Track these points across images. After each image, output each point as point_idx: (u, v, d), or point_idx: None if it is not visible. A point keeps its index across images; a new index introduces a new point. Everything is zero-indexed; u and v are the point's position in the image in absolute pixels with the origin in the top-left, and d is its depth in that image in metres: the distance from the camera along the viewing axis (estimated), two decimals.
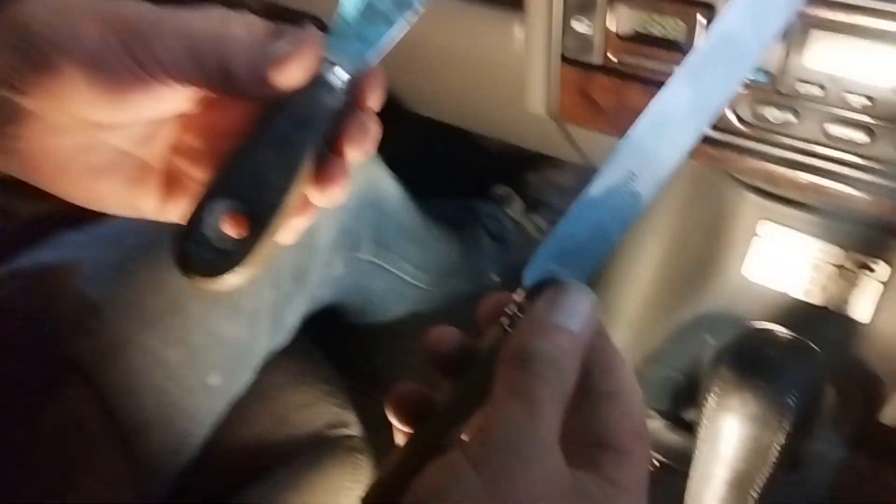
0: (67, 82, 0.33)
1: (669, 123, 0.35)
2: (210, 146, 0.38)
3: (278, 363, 0.73)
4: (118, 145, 0.36)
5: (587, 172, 1.14)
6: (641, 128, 0.36)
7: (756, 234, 0.77)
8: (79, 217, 0.86)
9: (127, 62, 0.33)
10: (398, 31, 0.36)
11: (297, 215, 0.36)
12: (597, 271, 0.35)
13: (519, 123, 0.88)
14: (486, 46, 0.78)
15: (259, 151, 0.34)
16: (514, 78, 0.76)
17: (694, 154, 0.67)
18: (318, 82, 0.34)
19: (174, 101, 0.36)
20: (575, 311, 0.31)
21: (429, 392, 0.34)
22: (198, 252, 0.33)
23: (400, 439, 0.35)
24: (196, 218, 0.34)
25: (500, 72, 0.79)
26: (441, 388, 0.34)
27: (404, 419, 0.34)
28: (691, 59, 0.36)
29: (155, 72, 0.34)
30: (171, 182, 0.38)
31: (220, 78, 0.34)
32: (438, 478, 0.28)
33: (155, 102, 0.35)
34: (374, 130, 0.37)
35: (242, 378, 0.69)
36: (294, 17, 0.94)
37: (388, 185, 0.89)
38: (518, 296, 0.33)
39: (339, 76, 0.35)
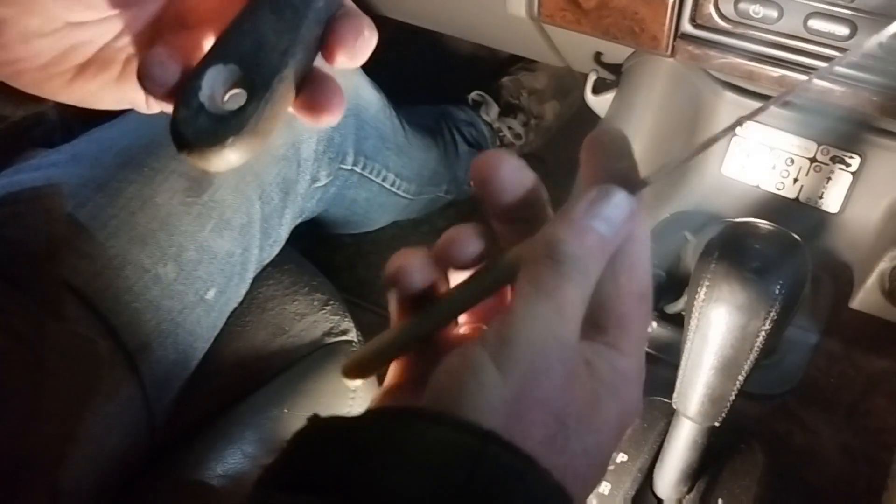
0: None
1: None
2: (195, 31, 0.36)
3: (271, 275, 0.73)
4: (100, 41, 0.35)
5: (562, 76, 1.14)
6: None
7: (734, 134, 0.78)
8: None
9: None
10: None
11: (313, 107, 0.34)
12: None
13: (499, 26, 0.88)
14: None
15: (257, 16, 0.32)
16: None
17: (674, 52, 0.67)
18: None
19: None
20: (614, 218, 0.30)
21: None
22: (194, 122, 0.31)
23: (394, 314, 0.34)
24: (192, 86, 0.31)
25: None
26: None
27: (406, 295, 0.33)
28: None
29: None
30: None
31: None
32: (458, 373, 0.27)
33: None
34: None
35: (237, 291, 0.69)
36: None
37: (367, 94, 0.89)
38: None
39: None
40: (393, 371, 0.34)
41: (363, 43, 0.34)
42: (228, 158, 0.31)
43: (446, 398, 0.27)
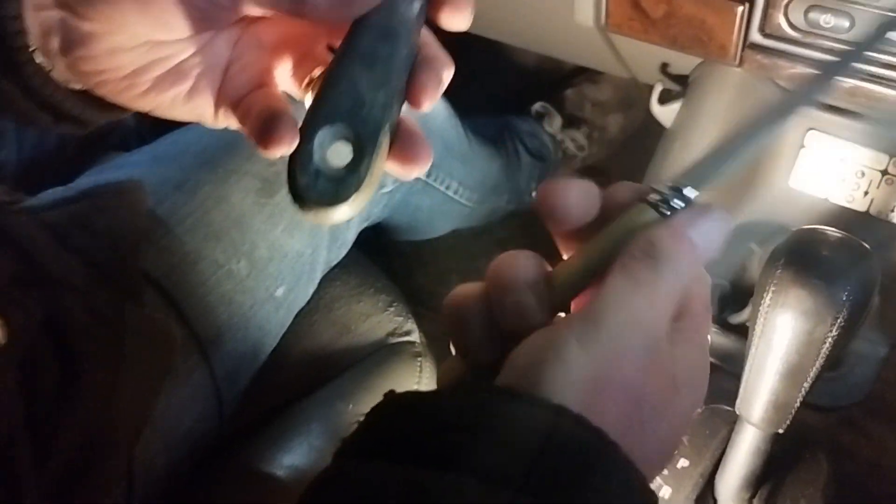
0: (118, 5, 0.34)
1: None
2: (268, 58, 0.39)
3: (338, 277, 0.75)
4: (176, 58, 0.37)
5: (625, 88, 1.14)
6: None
7: (803, 145, 0.77)
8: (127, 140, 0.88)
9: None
10: None
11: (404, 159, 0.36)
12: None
13: (565, 35, 0.88)
14: None
15: (352, 72, 0.34)
16: None
17: (742, 62, 0.67)
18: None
19: (230, 15, 0.36)
20: (711, 234, 0.32)
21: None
22: (313, 185, 0.33)
23: None
24: (306, 151, 0.33)
25: None
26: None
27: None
28: None
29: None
30: (227, 93, 0.39)
31: (290, 2, 0.34)
32: (541, 349, 0.28)
33: (209, 20, 0.36)
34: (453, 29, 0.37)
35: (306, 290, 0.72)
36: None
37: (434, 105, 0.90)
38: (664, 189, 0.34)
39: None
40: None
41: (442, 86, 0.36)
42: (347, 213, 0.33)
43: (528, 374, 0.28)
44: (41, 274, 0.51)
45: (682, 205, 0.33)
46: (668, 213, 0.33)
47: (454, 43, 0.38)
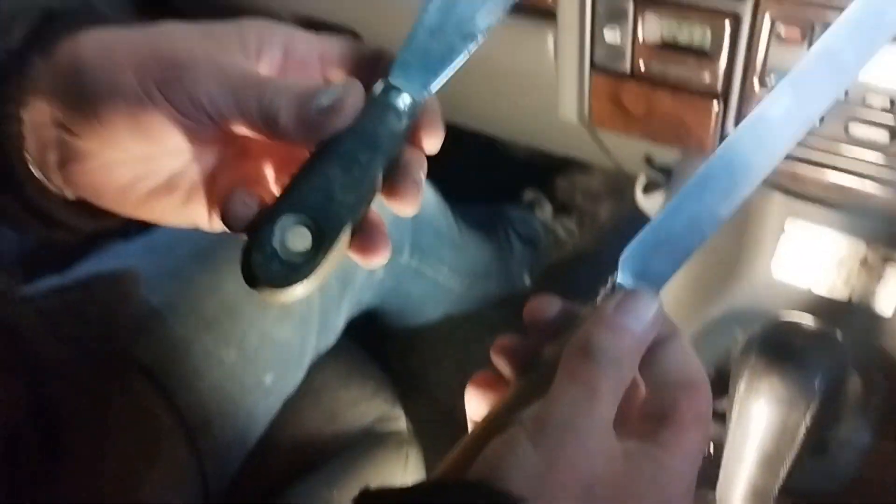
0: (111, 126, 0.36)
1: (767, 130, 0.37)
2: (254, 164, 0.40)
3: (326, 363, 0.76)
4: (169, 170, 0.38)
5: (615, 177, 1.17)
6: (741, 131, 0.38)
7: (783, 232, 0.79)
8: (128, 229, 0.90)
9: (164, 106, 0.35)
10: (460, 60, 0.38)
11: (364, 250, 0.38)
12: (685, 263, 0.37)
13: (551, 130, 0.92)
14: (519, 55, 0.81)
15: (327, 170, 0.35)
16: (546, 86, 0.79)
17: None
18: (382, 106, 0.36)
19: (216, 132, 0.37)
20: (641, 315, 0.33)
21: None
22: (266, 265, 0.34)
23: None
24: (266, 232, 0.34)
25: (533, 80, 0.82)
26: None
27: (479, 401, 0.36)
28: (795, 71, 0.38)
29: (192, 112, 0.35)
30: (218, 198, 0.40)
31: (263, 123, 0.35)
32: (498, 450, 0.30)
33: (195, 136, 0.37)
34: (426, 154, 0.38)
35: (294, 377, 0.72)
36: (328, 29, 0.98)
37: (424, 192, 0.93)
38: (607, 286, 0.36)
39: (403, 101, 0.36)
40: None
41: (418, 190, 0.38)
42: (294, 296, 0.34)
43: (488, 470, 0.30)
44: (30, 359, 0.52)
45: (609, 291, 0.35)
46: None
47: (447, 132, 0.40)
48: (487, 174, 1.40)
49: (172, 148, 0.37)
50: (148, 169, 0.38)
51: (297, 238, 0.34)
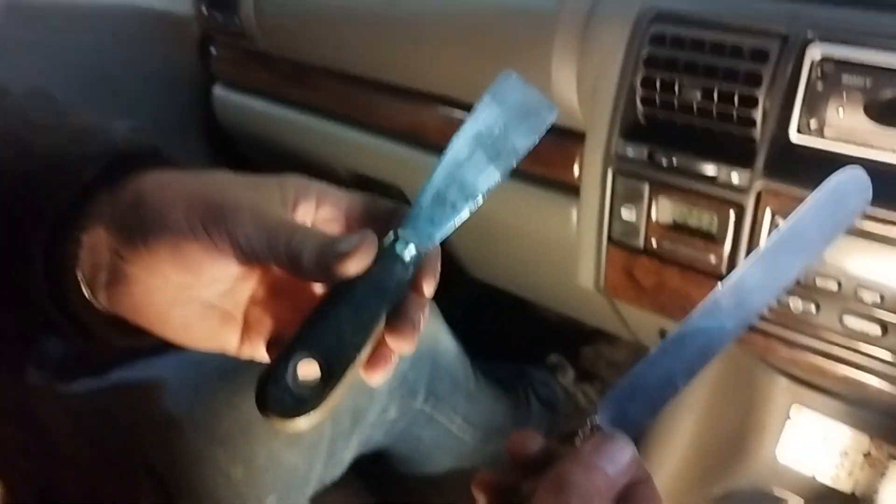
0: (156, 254, 0.40)
1: (740, 297, 0.42)
2: (281, 299, 0.45)
3: (329, 496, 0.78)
4: (205, 299, 0.43)
5: (640, 350, 1.19)
6: (717, 297, 0.42)
7: (789, 418, 0.81)
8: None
9: (205, 240, 0.40)
10: (462, 217, 0.42)
11: (370, 368, 0.41)
12: (659, 413, 0.41)
13: (571, 297, 0.96)
14: (544, 225, 0.88)
15: (337, 312, 0.40)
16: (567, 255, 0.84)
17: None
18: (391, 256, 0.40)
19: (249, 268, 0.42)
20: (616, 457, 0.36)
21: None
22: (278, 396, 0.37)
23: None
24: (279, 367, 0.38)
25: (556, 249, 0.88)
26: None
27: None
28: (765, 247, 0.43)
29: (229, 250, 0.40)
30: (249, 327, 0.45)
31: (289, 262, 0.40)
32: None
33: (231, 270, 0.42)
34: (426, 301, 0.42)
35: (296, 503, 0.74)
36: (380, 188, 1.07)
37: (446, 341, 0.97)
38: (586, 427, 0.39)
39: (410, 251, 0.41)
40: None
41: (416, 331, 0.41)
42: (301, 426, 0.38)
43: None
44: (50, 450, 0.56)
45: (588, 433, 0.38)
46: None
47: (478, 290, 0.44)
48: (513, 333, 1.44)
49: (208, 279, 0.42)
50: (185, 296, 0.42)
51: (308, 373, 0.38)
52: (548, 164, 0.84)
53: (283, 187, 0.42)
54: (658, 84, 0.70)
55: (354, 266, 0.39)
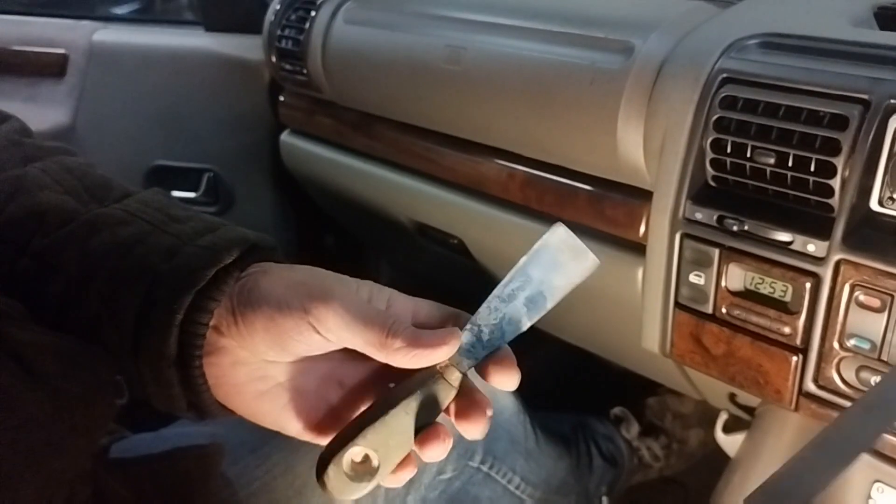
0: (252, 329, 0.44)
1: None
2: (342, 388, 0.48)
3: None
4: (279, 379, 0.46)
5: (709, 403, 1.14)
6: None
7: (870, 498, 0.76)
8: None
9: (300, 317, 0.43)
10: (505, 344, 0.45)
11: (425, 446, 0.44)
12: None
13: (636, 356, 0.93)
14: (608, 283, 0.85)
15: (388, 417, 0.43)
16: (632, 315, 0.82)
17: (798, 407, 0.69)
18: (441, 373, 0.44)
19: (331, 349, 0.45)
20: None
21: None
22: (335, 476, 0.43)
23: None
24: (338, 453, 0.42)
25: (620, 308, 0.86)
26: None
27: None
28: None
29: (322, 328, 0.43)
30: (313, 413, 0.47)
31: (378, 346, 0.43)
32: None
33: (314, 350, 0.45)
34: (483, 413, 0.45)
35: None
36: (441, 238, 1.06)
37: (504, 398, 0.95)
38: None
39: (460, 369, 0.44)
40: None
41: (486, 421, 0.44)
42: (355, 496, 0.43)
43: None
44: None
45: None
46: None
47: (539, 338, 0.46)
48: (575, 383, 1.41)
49: (291, 359, 0.45)
50: (264, 373, 0.45)
51: (362, 460, 0.43)
52: (613, 222, 0.82)
53: (362, 286, 0.46)
54: (729, 147, 0.67)
55: (440, 354, 0.42)
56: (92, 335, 0.48)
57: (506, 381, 0.44)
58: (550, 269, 0.44)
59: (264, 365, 0.45)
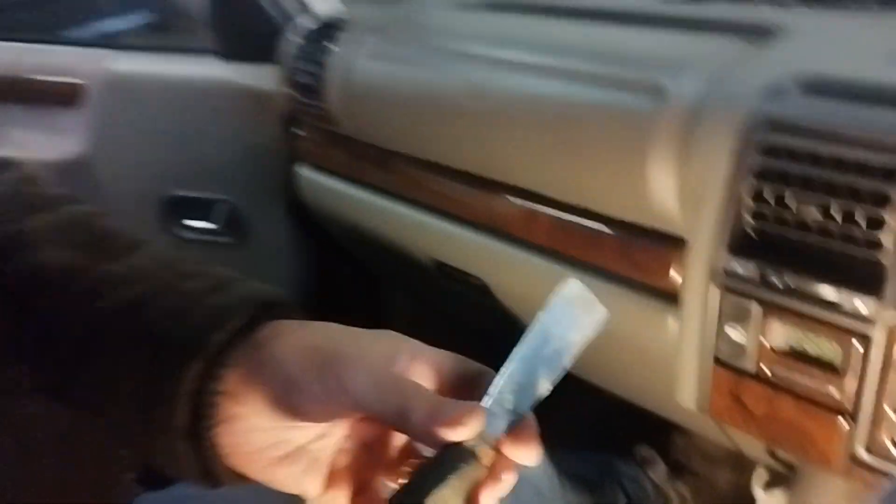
0: (268, 398, 0.41)
1: None
2: (367, 450, 0.45)
3: None
4: (298, 443, 0.43)
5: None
6: None
7: None
8: None
9: (317, 389, 0.41)
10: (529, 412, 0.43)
11: None
12: None
13: (670, 408, 0.89)
14: (638, 331, 0.81)
15: (422, 485, 0.40)
16: (664, 365, 0.78)
17: (848, 474, 0.65)
18: (472, 452, 0.40)
19: (348, 419, 0.43)
20: None
21: None
22: None
23: None
24: None
25: (652, 357, 0.82)
26: None
27: None
28: None
29: (339, 399, 0.40)
30: (332, 474, 0.44)
31: (397, 418, 0.40)
32: None
33: (333, 418, 0.42)
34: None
35: None
36: (461, 277, 1.03)
37: None
38: None
39: (489, 443, 0.41)
40: None
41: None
42: None
43: None
44: None
45: None
46: None
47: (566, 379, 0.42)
48: (601, 423, 1.36)
49: (308, 421, 0.42)
50: (281, 439, 0.42)
51: None
52: (643, 268, 0.79)
53: (381, 343, 0.43)
54: (770, 198, 0.63)
55: (462, 434, 0.39)
56: (98, 404, 0.46)
57: (526, 456, 0.41)
58: (567, 326, 0.43)
59: (283, 430, 0.42)
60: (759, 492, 0.83)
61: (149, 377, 0.44)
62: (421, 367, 0.43)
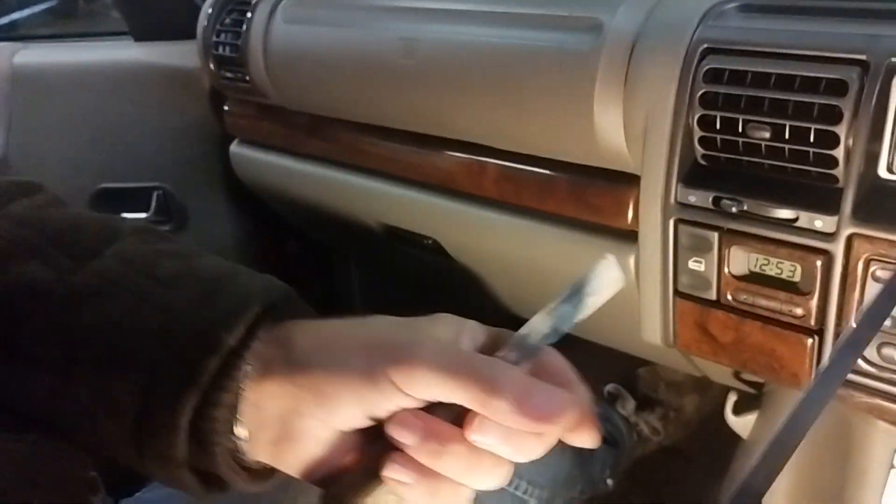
0: (342, 406, 0.37)
1: None
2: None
3: None
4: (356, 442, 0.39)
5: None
6: None
7: (893, 467, 0.73)
8: None
9: (388, 382, 0.36)
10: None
11: None
12: None
13: (637, 346, 0.89)
14: None
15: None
16: (630, 306, 0.77)
17: None
18: None
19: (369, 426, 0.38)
20: None
21: None
22: None
23: None
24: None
25: (616, 299, 0.81)
26: None
27: None
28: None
29: (413, 386, 0.36)
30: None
31: (483, 390, 0.36)
32: None
33: (351, 429, 0.38)
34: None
35: None
36: (415, 240, 1.01)
37: None
38: None
39: None
40: None
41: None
42: None
43: None
44: None
45: None
46: None
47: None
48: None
49: (376, 419, 0.38)
50: (346, 443, 0.39)
51: None
52: (598, 210, 0.77)
53: (433, 323, 0.40)
54: (718, 123, 0.62)
55: (557, 426, 0.38)
56: (85, 430, 0.42)
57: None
58: (593, 294, 0.43)
59: (349, 436, 0.39)
60: (731, 418, 0.84)
61: (143, 407, 0.39)
62: (465, 341, 0.39)
